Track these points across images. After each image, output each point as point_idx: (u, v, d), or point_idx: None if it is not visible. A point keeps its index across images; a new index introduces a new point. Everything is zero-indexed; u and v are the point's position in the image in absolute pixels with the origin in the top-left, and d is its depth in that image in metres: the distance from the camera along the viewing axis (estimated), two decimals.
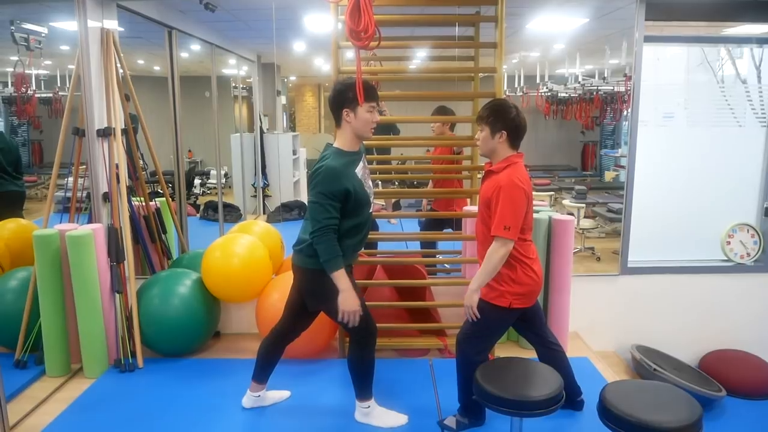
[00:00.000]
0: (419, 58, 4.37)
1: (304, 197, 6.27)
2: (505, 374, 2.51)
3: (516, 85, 6.84)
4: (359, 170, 2.65)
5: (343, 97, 2.57)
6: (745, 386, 3.66)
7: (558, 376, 2.49)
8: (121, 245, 3.52)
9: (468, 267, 3.82)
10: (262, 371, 2.99)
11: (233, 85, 5.92)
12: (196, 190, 5.83)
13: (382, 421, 2.87)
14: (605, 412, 2.30)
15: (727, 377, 3.73)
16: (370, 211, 2.74)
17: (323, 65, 6.56)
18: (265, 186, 5.95)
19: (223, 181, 6.21)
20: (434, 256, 4.51)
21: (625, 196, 3.90)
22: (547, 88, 6.46)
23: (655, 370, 3.55)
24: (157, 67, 5.23)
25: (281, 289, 3.57)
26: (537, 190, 6.25)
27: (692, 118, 4.35)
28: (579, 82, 6.04)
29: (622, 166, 7.07)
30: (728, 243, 4.07)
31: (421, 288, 3.75)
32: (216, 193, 6.09)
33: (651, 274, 3.97)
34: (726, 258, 4.10)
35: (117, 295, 3.48)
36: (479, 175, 4.55)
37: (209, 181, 6.10)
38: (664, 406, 2.27)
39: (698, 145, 4.17)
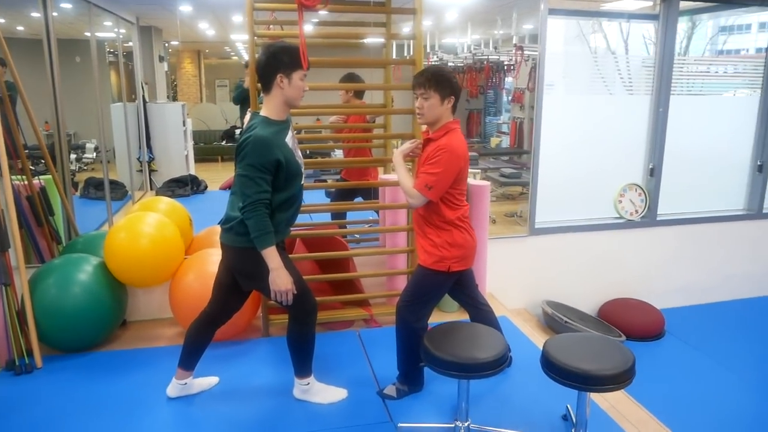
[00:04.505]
0: (324, 23, 4.22)
1: (194, 170, 5.89)
2: (452, 339, 2.56)
3: (405, 54, 6.87)
4: (289, 140, 2.53)
5: (278, 61, 2.41)
6: (639, 330, 4.07)
7: (502, 337, 2.59)
8: (6, 230, 3.08)
9: (388, 236, 3.83)
10: (190, 357, 2.80)
11: (109, 50, 5.36)
12: (72, 167, 5.23)
13: (322, 397, 2.83)
14: (549, 365, 2.43)
15: (623, 323, 4.12)
16: (302, 182, 2.64)
17: (207, 30, 6.14)
18: (151, 160, 5.51)
19: (94, 155, 5.65)
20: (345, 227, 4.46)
21: (531, 161, 4.10)
22: (437, 57, 6.57)
23: (566, 322, 3.82)
24: (20, 27, 4.57)
25: (196, 269, 3.37)
26: None
27: (570, 87, 4.63)
28: (470, 52, 6.22)
29: (504, 133, 7.43)
30: (620, 202, 4.46)
31: (342, 260, 3.70)
32: (93, 169, 5.53)
33: (555, 233, 4.25)
34: (618, 215, 4.50)
35: (4, 288, 3.06)
36: (398, 142, 4.55)
37: (85, 155, 5.51)
38: (601, 356, 2.44)
39: (590, 112, 4.46)
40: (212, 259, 3.40)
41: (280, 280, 2.45)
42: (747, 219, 4.85)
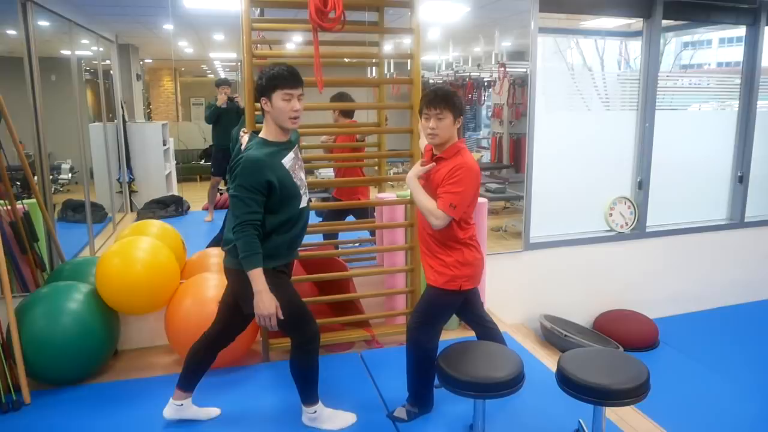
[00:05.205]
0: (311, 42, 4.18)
1: (176, 191, 5.75)
2: (467, 359, 2.54)
3: (385, 74, 6.87)
4: (288, 161, 2.51)
5: (260, 87, 2.45)
6: (634, 340, 4.11)
7: (517, 355, 2.58)
8: None
9: (386, 255, 3.78)
10: (189, 378, 2.73)
11: (85, 68, 5.21)
12: None
13: (332, 423, 2.76)
14: (566, 380, 2.43)
15: (619, 334, 4.16)
16: (302, 205, 2.59)
17: (186, 48, 6.03)
18: (131, 181, 5.35)
19: (69, 176, 5.48)
20: (337, 247, 4.39)
21: (526, 178, 4.12)
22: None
23: (566, 336, 3.83)
24: None
25: (193, 294, 3.28)
26: None
27: (551, 104, 4.64)
28: (453, 69, 6.27)
29: (485, 147, 7.48)
30: (610, 215, 4.53)
31: (341, 280, 3.64)
32: (69, 190, 5.34)
33: (549, 248, 4.27)
34: (609, 228, 4.56)
35: None
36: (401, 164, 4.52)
37: (60, 176, 5.32)
38: (617, 370, 2.45)
39: (577, 128, 4.52)
40: (209, 283, 3.32)
41: (263, 304, 2.41)
42: (730, 228, 5.00)
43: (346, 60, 3.99)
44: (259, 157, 2.38)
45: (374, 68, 4.09)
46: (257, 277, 2.38)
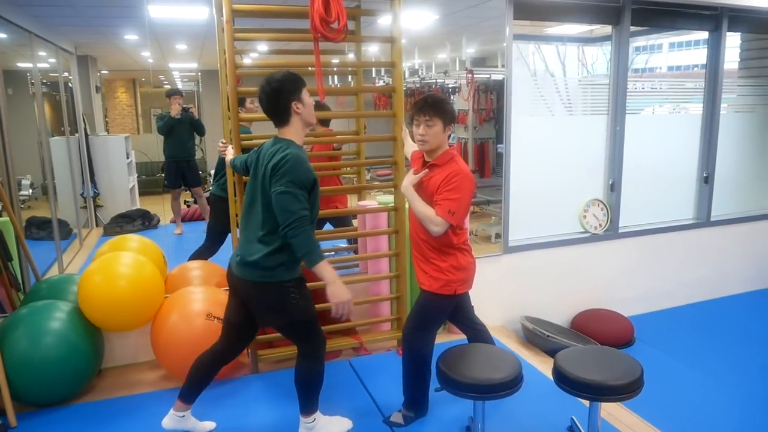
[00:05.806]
0: (286, 51, 4.18)
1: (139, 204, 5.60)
2: (467, 361, 2.58)
3: (350, 82, 6.89)
4: None
5: (287, 91, 2.44)
6: (611, 339, 4.22)
7: (514, 357, 2.64)
8: None
9: (370, 262, 3.80)
10: (192, 391, 2.69)
11: (43, 80, 5.03)
12: None
13: (328, 430, 2.75)
14: (562, 378, 2.51)
15: (596, 333, 4.28)
16: None
17: (148, 58, 5.89)
18: (96, 195, 5.19)
19: (30, 192, 5.29)
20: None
21: (503, 183, 4.20)
22: (384, 81, 6.65)
23: (548, 336, 3.92)
24: None
25: (179, 309, 3.22)
26: (382, 180, 6.41)
27: (519, 109, 4.72)
28: (419, 76, 6.35)
29: None
30: (585, 217, 4.65)
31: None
32: (30, 207, 5.14)
33: (527, 250, 4.36)
34: (584, 230, 4.68)
35: None
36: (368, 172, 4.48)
37: (21, 192, 5.11)
38: (611, 367, 2.54)
39: (551, 133, 4.56)
40: (194, 297, 3.27)
41: (341, 291, 2.41)
42: (697, 227, 5.17)
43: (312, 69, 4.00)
44: (305, 157, 2.41)
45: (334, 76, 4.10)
46: (326, 269, 2.37)
